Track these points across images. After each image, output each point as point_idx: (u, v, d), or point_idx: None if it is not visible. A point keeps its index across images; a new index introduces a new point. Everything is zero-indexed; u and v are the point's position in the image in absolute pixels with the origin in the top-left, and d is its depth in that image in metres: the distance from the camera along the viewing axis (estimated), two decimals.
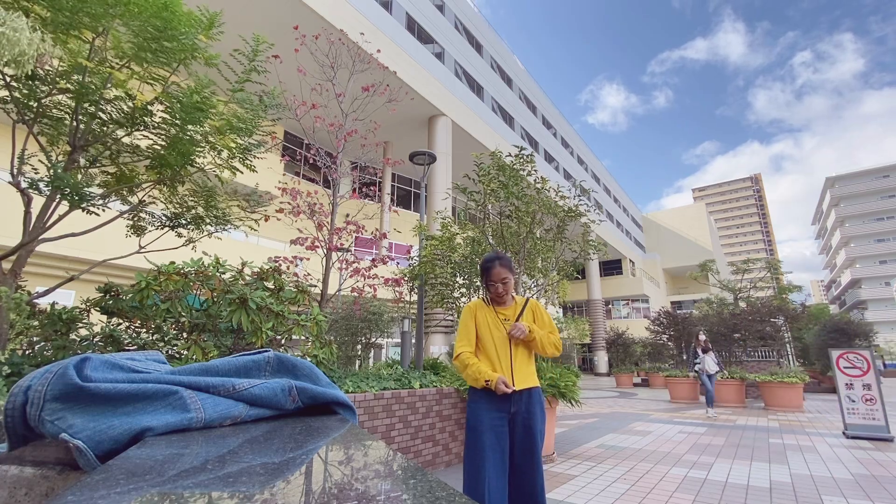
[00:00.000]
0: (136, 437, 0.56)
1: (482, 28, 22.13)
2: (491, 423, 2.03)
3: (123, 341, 3.07)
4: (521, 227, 5.95)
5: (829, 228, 62.71)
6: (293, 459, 0.51)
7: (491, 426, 2.02)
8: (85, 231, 3.51)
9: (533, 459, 2.03)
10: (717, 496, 3.42)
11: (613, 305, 39.06)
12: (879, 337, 25.23)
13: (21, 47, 2.25)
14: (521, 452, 2.04)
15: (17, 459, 0.58)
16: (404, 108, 14.26)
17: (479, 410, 2.07)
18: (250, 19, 11.26)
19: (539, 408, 2.12)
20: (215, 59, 3.22)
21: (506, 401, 2.06)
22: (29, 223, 3.13)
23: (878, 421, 5.70)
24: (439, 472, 4.17)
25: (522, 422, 2.06)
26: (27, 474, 0.57)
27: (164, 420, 0.58)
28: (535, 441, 2.05)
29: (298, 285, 3.71)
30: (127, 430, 0.55)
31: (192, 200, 4.02)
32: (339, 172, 5.27)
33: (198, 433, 0.61)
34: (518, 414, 2.07)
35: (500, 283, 2.22)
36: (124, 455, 0.50)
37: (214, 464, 0.47)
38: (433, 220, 8.23)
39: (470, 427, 2.08)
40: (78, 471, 0.56)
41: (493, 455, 1.98)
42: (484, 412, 2.05)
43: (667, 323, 15.18)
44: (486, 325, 2.21)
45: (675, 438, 5.94)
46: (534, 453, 2.04)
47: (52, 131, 3.34)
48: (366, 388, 3.84)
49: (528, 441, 2.05)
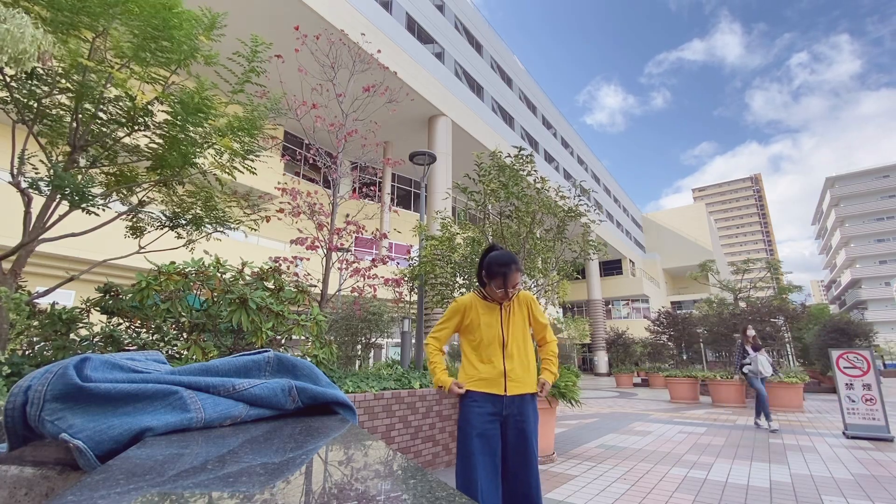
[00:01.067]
0: (136, 437, 0.56)
1: (482, 28, 22.13)
2: (481, 426, 1.96)
3: (123, 341, 3.07)
4: (521, 227, 5.95)
5: (829, 228, 62.71)
6: (293, 459, 0.51)
7: (481, 430, 1.96)
8: (85, 231, 3.51)
9: (527, 462, 1.98)
10: (717, 496, 3.42)
11: (613, 305, 39.06)
12: (879, 337, 25.22)
13: (24, 45, 2.25)
14: (515, 455, 1.98)
15: (17, 459, 0.58)
16: (404, 109, 14.26)
17: (470, 414, 2.01)
18: (250, 19, 11.26)
19: (532, 409, 2.06)
20: (214, 58, 3.22)
21: (498, 403, 2.00)
22: (29, 223, 3.13)
23: (878, 421, 5.69)
24: (439, 472, 4.17)
25: (515, 424, 2.00)
26: (27, 474, 0.57)
27: (164, 420, 0.59)
28: (528, 443, 1.99)
29: (298, 285, 3.71)
30: (127, 430, 0.55)
31: (191, 200, 4.02)
32: (339, 172, 5.27)
33: (198, 433, 0.61)
34: (511, 416, 2.01)
35: (513, 289, 2.09)
36: (124, 455, 0.50)
37: (214, 464, 0.47)
38: (433, 220, 8.24)
39: (460, 429, 2.02)
40: (78, 471, 0.56)
41: (483, 459, 1.93)
42: (475, 415, 1.99)
43: (667, 323, 15.18)
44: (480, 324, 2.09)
45: (675, 438, 5.94)
46: (528, 456, 1.98)
47: (51, 132, 3.34)
48: (366, 388, 3.84)
49: (522, 444, 1.99)
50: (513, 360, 2.06)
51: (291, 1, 11.25)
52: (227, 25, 3.33)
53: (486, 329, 2.09)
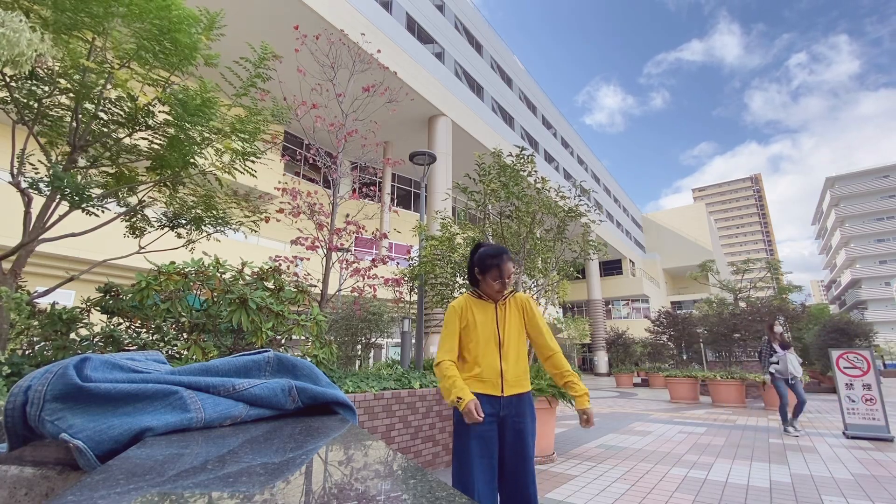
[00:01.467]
0: (136, 437, 0.56)
1: (482, 28, 22.13)
2: (479, 429, 1.92)
3: (123, 341, 3.07)
4: (522, 227, 5.95)
5: (829, 228, 62.70)
6: (293, 459, 0.51)
7: (478, 433, 1.93)
8: (85, 231, 3.51)
9: (524, 464, 1.95)
10: (717, 496, 3.42)
11: (613, 305, 39.05)
12: (879, 337, 25.22)
13: (20, 48, 2.25)
14: (513, 457, 1.96)
15: (17, 459, 0.58)
16: (404, 109, 14.26)
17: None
18: (250, 19, 11.26)
19: (529, 409, 2.03)
20: (215, 59, 3.22)
21: (495, 404, 1.97)
22: (29, 223, 3.13)
23: (878, 421, 5.69)
24: (439, 472, 4.17)
25: (513, 425, 1.97)
26: (27, 474, 0.57)
27: (164, 420, 0.59)
28: (526, 445, 1.97)
29: (298, 285, 3.71)
30: (127, 430, 0.55)
31: (192, 201, 4.02)
32: (339, 172, 5.27)
33: (198, 433, 0.61)
34: (508, 417, 1.98)
35: (509, 279, 2.04)
36: (124, 455, 0.50)
37: (214, 464, 0.47)
38: (433, 220, 8.24)
39: (456, 433, 1.98)
40: (78, 471, 0.56)
41: (480, 462, 1.90)
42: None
43: (667, 323, 15.17)
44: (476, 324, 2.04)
45: (675, 438, 5.94)
46: (525, 457, 1.96)
47: (51, 132, 3.35)
48: (366, 388, 3.84)
49: (520, 445, 1.96)
50: (509, 360, 2.02)
51: (291, 1, 11.25)
52: (227, 25, 3.33)
53: (481, 328, 2.04)
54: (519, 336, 2.10)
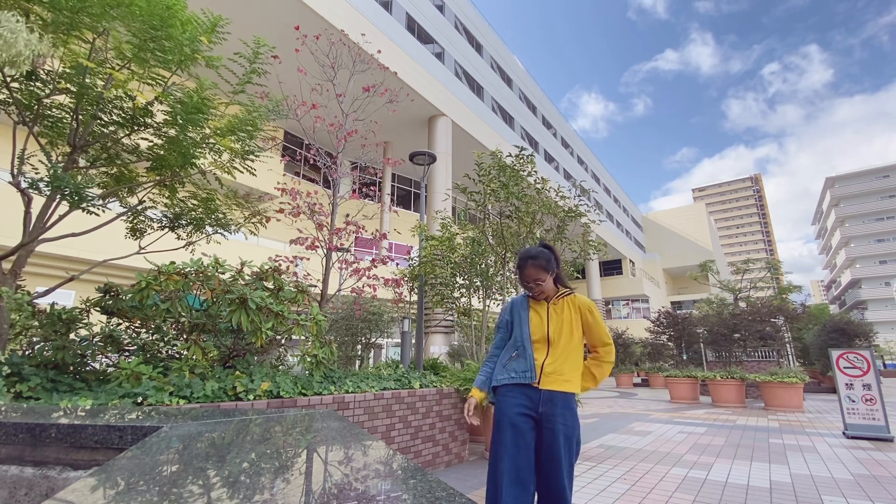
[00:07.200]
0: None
1: (482, 28, 22.14)
2: (513, 418, 1.94)
3: (123, 341, 3.07)
4: (522, 228, 5.95)
5: (829, 228, 62.70)
6: (293, 459, 0.51)
7: (512, 422, 1.93)
8: (85, 231, 3.51)
9: (556, 468, 1.88)
10: (717, 496, 3.42)
11: (613, 305, 39.04)
12: (879, 337, 25.20)
13: (18, 48, 2.25)
14: (545, 457, 1.91)
15: (17, 459, 0.58)
16: (404, 109, 14.26)
17: (504, 405, 2.00)
18: (250, 19, 11.26)
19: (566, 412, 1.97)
20: (216, 61, 3.22)
21: (533, 397, 1.97)
22: (29, 223, 3.13)
23: (878, 421, 5.69)
24: (439, 472, 4.17)
25: (547, 424, 1.94)
26: (27, 474, 0.57)
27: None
28: (558, 447, 1.89)
29: (298, 285, 3.71)
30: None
31: (193, 202, 4.02)
32: (339, 172, 5.26)
33: (198, 433, 0.61)
34: (545, 415, 1.95)
35: (534, 283, 2.13)
36: (125, 455, 0.50)
37: (215, 464, 0.47)
38: (433, 221, 8.23)
39: (494, 421, 2.03)
40: (78, 471, 0.56)
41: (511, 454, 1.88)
42: (509, 406, 1.97)
43: (667, 323, 15.16)
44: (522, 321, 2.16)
45: (675, 438, 5.94)
46: (556, 461, 1.89)
47: (51, 132, 3.35)
48: (366, 388, 3.84)
49: (553, 445, 1.90)
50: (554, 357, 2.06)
51: (291, 1, 11.25)
52: (229, 24, 3.33)
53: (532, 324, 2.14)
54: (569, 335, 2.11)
